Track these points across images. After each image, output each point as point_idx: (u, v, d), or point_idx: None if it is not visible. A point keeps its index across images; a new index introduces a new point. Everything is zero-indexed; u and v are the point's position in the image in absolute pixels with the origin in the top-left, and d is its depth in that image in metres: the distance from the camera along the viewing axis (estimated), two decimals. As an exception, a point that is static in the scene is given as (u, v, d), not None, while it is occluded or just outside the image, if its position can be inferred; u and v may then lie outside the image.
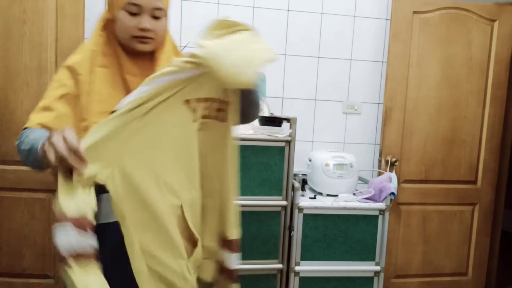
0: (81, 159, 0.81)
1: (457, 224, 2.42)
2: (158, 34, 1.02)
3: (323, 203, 1.94)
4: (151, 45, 1.02)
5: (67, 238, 0.79)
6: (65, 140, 0.79)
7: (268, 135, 1.87)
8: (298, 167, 2.28)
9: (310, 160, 2.21)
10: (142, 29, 0.98)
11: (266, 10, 2.31)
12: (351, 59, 2.42)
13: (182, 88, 0.91)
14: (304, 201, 1.95)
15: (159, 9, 0.99)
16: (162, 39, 1.05)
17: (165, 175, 0.95)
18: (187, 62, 0.88)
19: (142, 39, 1.00)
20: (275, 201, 1.89)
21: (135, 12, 0.97)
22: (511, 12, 2.33)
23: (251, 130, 1.93)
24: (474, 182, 2.43)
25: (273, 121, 1.91)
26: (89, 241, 0.82)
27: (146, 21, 0.98)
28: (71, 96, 0.98)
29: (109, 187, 0.87)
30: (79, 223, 0.81)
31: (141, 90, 0.87)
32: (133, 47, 1.01)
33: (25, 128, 0.98)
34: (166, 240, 0.95)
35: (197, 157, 1.00)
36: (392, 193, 1.96)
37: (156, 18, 1.00)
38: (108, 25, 1.04)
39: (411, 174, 2.35)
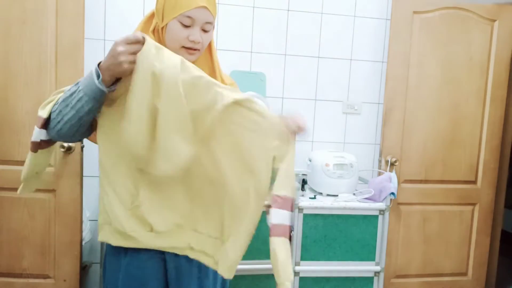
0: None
1: (457, 224, 2.42)
2: (204, 46, 1.07)
3: (323, 203, 1.94)
4: (196, 55, 1.06)
5: None
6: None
7: (268, 135, 1.87)
8: (298, 167, 2.28)
9: (310, 160, 2.21)
10: (193, 41, 1.02)
11: (266, 10, 2.31)
12: (351, 59, 2.42)
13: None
14: (304, 201, 1.95)
15: (209, 23, 1.04)
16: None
17: None
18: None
19: (190, 50, 1.03)
20: (275, 201, 1.89)
21: (187, 24, 1.00)
22: (511, 12, 2.33)
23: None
24: (474, 182, 2.43)
25: (273, 121, 1.90)
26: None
27: (197, 33, 1.02)
28: None
29: None
30: None
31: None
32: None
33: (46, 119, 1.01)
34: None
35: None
36: (392, 193, 1.96)
37: (205, 31, 1.04)
38: (156, 31, 1.08)
39: (411, 174, 2.35)
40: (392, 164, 2.29)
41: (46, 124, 0.99)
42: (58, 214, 1.93)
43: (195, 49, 1.04)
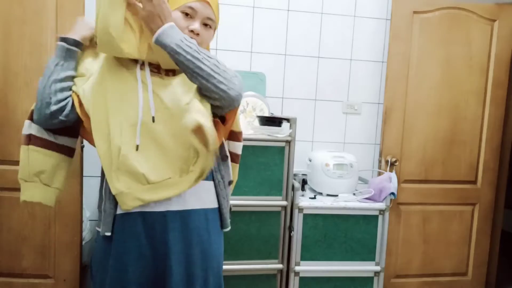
0: None
1: (457, 224, 2.42)
2: (204, 42, 1.08)
3: (323, 203, 1.94)
4: None
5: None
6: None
7: (268, 135, 1.87)
8: (298, 167, 2.28)
9: (310, 160, 2.21)
10: (192, 31, 1.05)
11: (266, 10, 2.31)
12: (351, 59, 2.42)
13: None
14: (304, 201, 1.95)
15: (210, 19, 1.08)
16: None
17: None
18: None
19: None
20: (275, 201, 1.89)
21: (189, 14, 1.05)
22: (511, 12, 2.33)
23: (251, 130, 1.93)
24: (474, 182, 2.43)
25: (273, 121, 1.91)
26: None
27: (197, 24, 1.05)
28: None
29: None
30: None
31: None
32: None
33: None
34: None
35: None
36: (392, 193, 1.96)
37: (206, 26, 1.08)
38: None
39: (411, 174, 2.35)
40: (392, 164, 2.29)
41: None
42: (58, 214, 1.93)
43: None
